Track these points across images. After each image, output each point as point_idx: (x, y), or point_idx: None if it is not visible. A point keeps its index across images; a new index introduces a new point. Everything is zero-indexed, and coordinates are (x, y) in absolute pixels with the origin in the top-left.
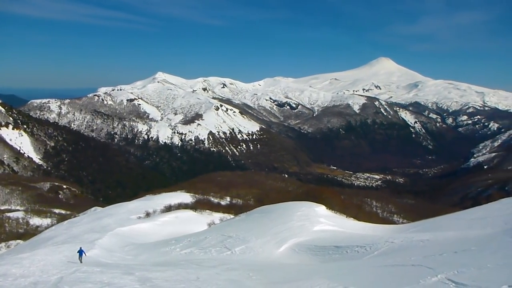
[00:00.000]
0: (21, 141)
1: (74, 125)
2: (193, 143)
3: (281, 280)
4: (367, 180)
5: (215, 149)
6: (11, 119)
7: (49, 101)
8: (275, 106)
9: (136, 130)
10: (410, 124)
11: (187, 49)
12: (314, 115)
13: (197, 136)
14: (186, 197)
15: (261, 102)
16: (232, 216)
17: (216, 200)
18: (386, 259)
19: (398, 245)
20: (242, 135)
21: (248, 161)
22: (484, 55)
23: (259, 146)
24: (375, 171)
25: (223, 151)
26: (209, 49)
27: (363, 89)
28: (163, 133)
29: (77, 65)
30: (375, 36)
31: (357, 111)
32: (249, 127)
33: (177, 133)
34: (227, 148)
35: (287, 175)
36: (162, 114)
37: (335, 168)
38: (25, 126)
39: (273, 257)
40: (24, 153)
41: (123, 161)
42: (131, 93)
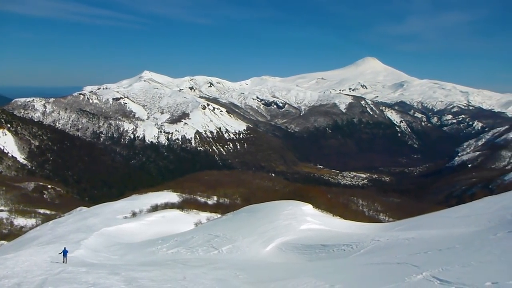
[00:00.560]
0: (4, 140)
1: (59, 124)
2: (180, 142)
3: (268, 279)
4: (353, 179)
5: (202, 148)
6: None
7: (33, 99)
8: (262, 105)
9: (122, 129)
10: (395, 123)
11: (174, 48)
12: (301, 114)
13: (184, 135)
14: (172, 196)
15: (248, 101)
16: (219, 216)
17: (203, 200)
18: (372, 257)
19: (384, 244)
20: (229, 134)
21: (235, 160)
22: (469, 55)
23: (246, 145)
24: (361, 170)
25: (210, 150)
26: (196, 48)
27: (350, 89)
28: (149, 132)
29: (62, 63)
30: (361, 35)
31: (344, 111)
32: (236, 126)
33: (164, 132)
34: (214, 147)
35: (274, 174)
36: (148, 113)
37: (321, 167)
38: (9, 125)
39: (260, 256)
40: (8, 152)
41: (109, 161)
42: (117, 92)
